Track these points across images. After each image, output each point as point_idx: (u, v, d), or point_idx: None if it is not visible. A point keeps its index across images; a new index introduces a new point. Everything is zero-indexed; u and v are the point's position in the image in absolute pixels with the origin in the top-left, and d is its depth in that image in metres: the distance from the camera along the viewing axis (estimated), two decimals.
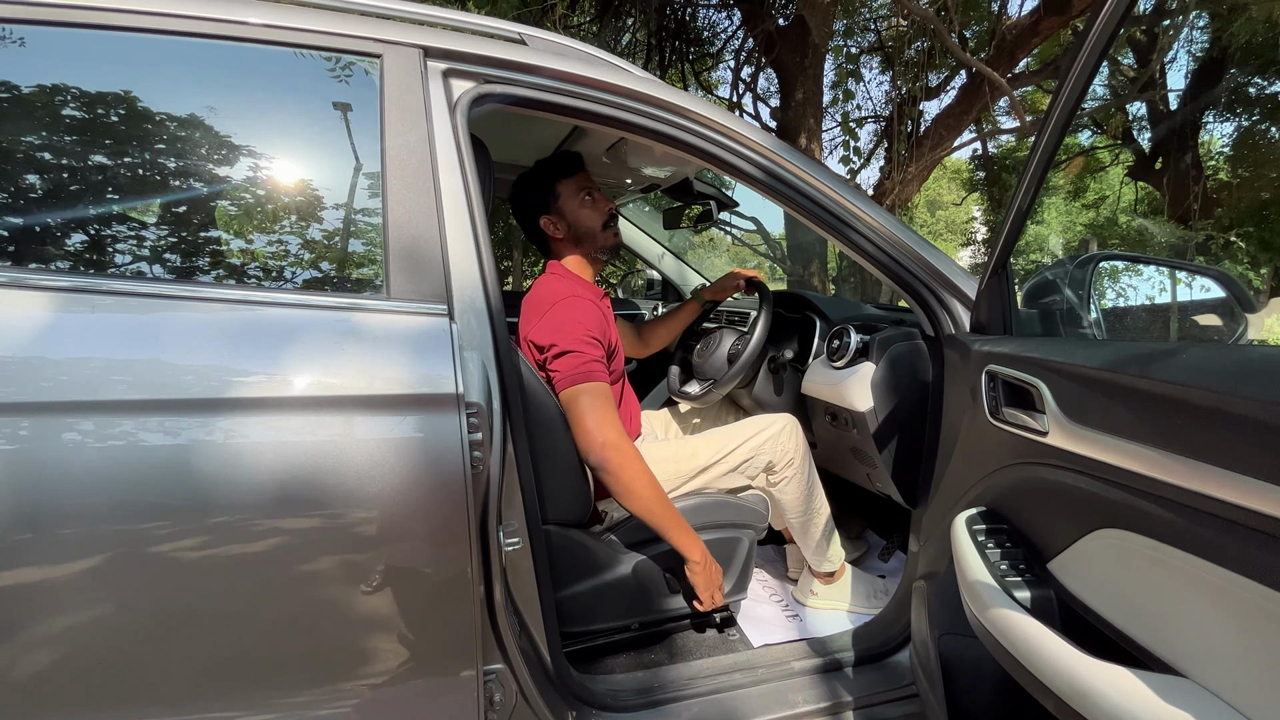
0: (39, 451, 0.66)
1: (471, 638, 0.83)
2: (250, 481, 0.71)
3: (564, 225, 1.33)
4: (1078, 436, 0.69)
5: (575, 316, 1.18)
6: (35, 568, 0.66)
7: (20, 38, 0.80)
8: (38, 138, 0.80)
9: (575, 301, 1.21)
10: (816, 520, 1.42)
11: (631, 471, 1.12)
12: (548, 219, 1.33)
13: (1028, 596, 0.75)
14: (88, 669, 0.69)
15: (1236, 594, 0.50)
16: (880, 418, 1.24)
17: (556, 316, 1.19)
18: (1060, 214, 14.21)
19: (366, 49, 0.90)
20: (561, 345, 1.15)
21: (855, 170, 4.84)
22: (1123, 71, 7.10)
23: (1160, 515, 0.57)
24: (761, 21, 4.41)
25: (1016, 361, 0.84)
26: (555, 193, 1.32)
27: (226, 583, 0.73)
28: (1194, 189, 6.74)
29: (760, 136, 1.11)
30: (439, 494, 0.78)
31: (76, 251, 0.80)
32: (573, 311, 1.19)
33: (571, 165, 1.36)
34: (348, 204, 0.91)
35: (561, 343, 1.15)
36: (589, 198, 1.35)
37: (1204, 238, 7.17)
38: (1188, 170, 7.03)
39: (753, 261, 8.65)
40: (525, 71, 0.98)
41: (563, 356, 1.15)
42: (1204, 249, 7.37)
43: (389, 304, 0.83)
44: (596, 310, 1.23)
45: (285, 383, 0.74)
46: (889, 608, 1.31)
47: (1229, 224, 7.43)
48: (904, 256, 1.13)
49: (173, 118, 0.86)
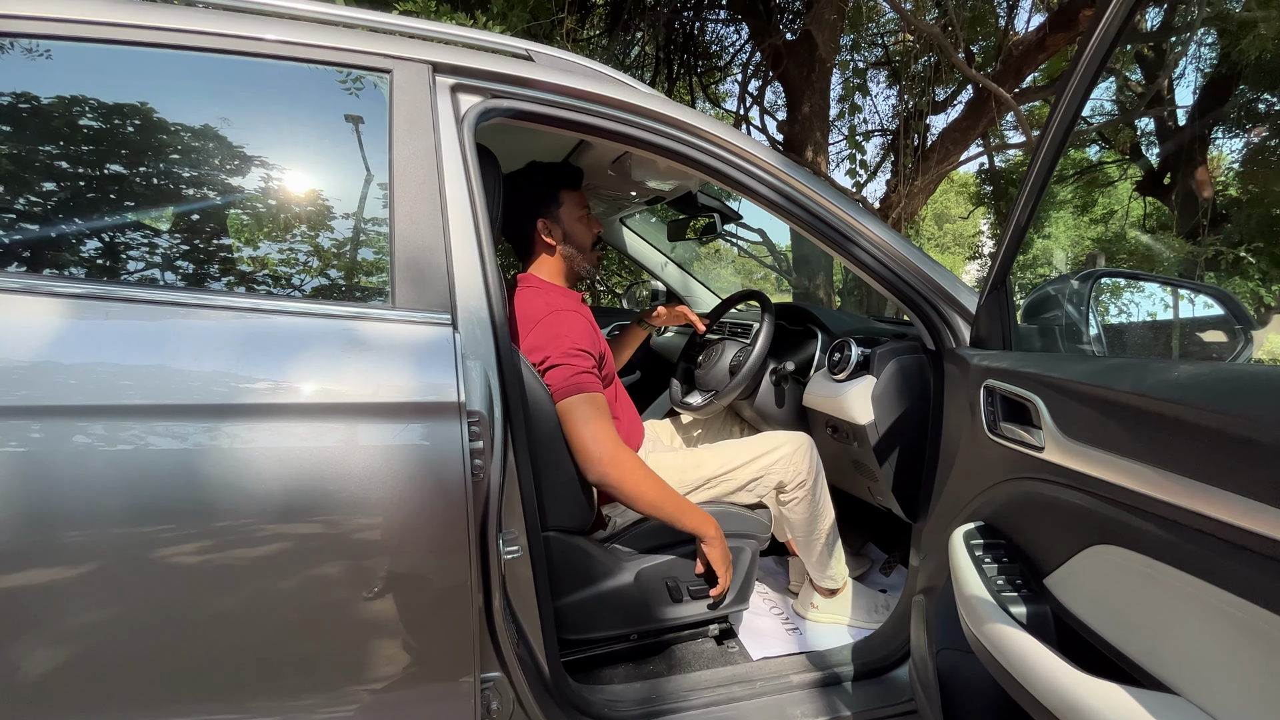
0: (51, 454, 0.67)
1: (470, 645, 0.84)
2: (254, 487, 0.73)
3: (559, 233, 1.34)
4: (1072, 452, 0.69)
5: (560, 331, 1.19)
6: (43, 568, 0.67)
7: (47, 50, 0.83)
8: (61, 148, 0.83)
9: (557, 316, 1.21)
10: (822, 538, 1.42)
11: (633, 481, 1.13)
12: (545, 223, 1.33)
13: (1023, 612, 0.75)
14: (89, 668, 0.70)
15: (1229, 612, 0.50)
16: (881, 431, 1.24)
17: (541, 334, 1.19)
18: (1069, 228, 14.17)
19: (377, 64, 0.92)
20: (551, 359, 1.16)
21: (862, 183, 4.84)
22: (1130, 87, 7.11)
23: (1153, 532, 0.57)
24: (769, 36, 4.45)
25: (1014, 377, 0.85)
26: (558, 200, 1.34)
27: (229, 586, 0.74)
28: (1203, 204, 6.71)
29: (763, 152, 1.12)
30: (440, 501, 0.79)
31: (91, 259, 0.82)
32: (556, 326, 1.20)
33: (576, 179, 1.38)
34: (356, 215, 0.93)
35: (552, 356, 1.16)
36: (586, 214, 1.37)
37: (1213, 253, 7.13)
38: (1196, 186, 7.00)
39: (759, 273, 8.67)
40: (531, 86, 1.00)
41: (552, 370, 1.16)
42: (1214, 264, 7.33)
43: (394, 313, 0.85)
44: (580, 319, 1.23)
45: (291, 390, 0.76)
46: (889, 622, 1.30)
47: (1239, 239, 7.38)
48: (905, 271, 1.14)
49: (190, 129, 0.88)
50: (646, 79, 5.20)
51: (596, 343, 1.27)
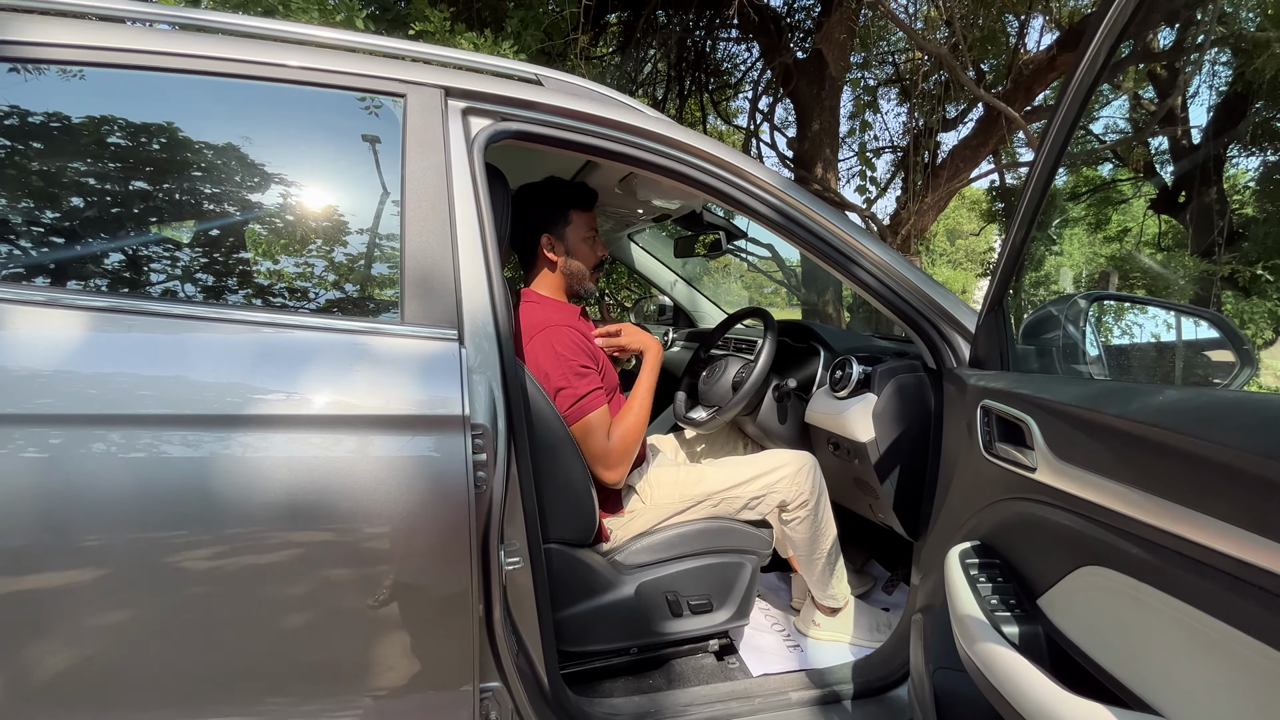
0: (71, 460, 0.70)
1: (469, 654, 0.86)
2: (263, 496, 0.75)
3: (562, 251, 1.35)
4: (1063, 473, 0.70)
5: (557, 350, 1.21)
6: (62, 570, 0.70)
7: (80, 73, 0.88)
8: (90, 165, 0.87)
9: (552, 332, 1.23)
10: (824, 557, 1.42)
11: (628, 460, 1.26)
12: (549, 238, 1.34)
13: (1016, 632, 0.75)
14: (97, 668, 0.73)
15: (1210, 635, 0.51)
16: (882, 449, 1.25)
17: (538, 352, 1.21)
18: (1082, 244, 14.06)
19: (392, 89, 0.96)
20: (554, 381, 1.19)
21: (872, 200, 4.87)
22: (1143, 105, 7.09)
23: (1139, 555, 0.58)
24: (779, 54, 4.51)
25: (1008, 397, 0.86)
26: (567, 218, 1.36)
27: (236, 592, 0.76)
28: (1219, 223, 6.65)
29: (764, 173, 1.15)
30: (443, 512, 0.82)
31: (116, 272, 0.86)
32: (553, 345, 1.21)
33: (588, 199, 1.39)
34: (367, 233, 0.96)
35: (553, 377, 1.19)
36: (593, 236, 1.39)
37: (1229, 271, 7.05)
38: (1211, 204, 6.94)
39: (769, 287, 8.67)
40: (539, 110, 1.04)
41: (558, 394, 1.19)
42: (1231, 283, 7.23)
43: (403, 328, 0.88)
44: (577, 334, 1.25)
45: (301, 401, 0.79)
46: (890, 641, 1.30)
47: (1256, 257, 7.29)
48: (905, 290, 1.16)
49: (215, 149, 0.92)
50: (658, 96, 5.27)
51: (595, 355, 1.29)
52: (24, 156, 0.84)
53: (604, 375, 1.31)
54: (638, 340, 1.40)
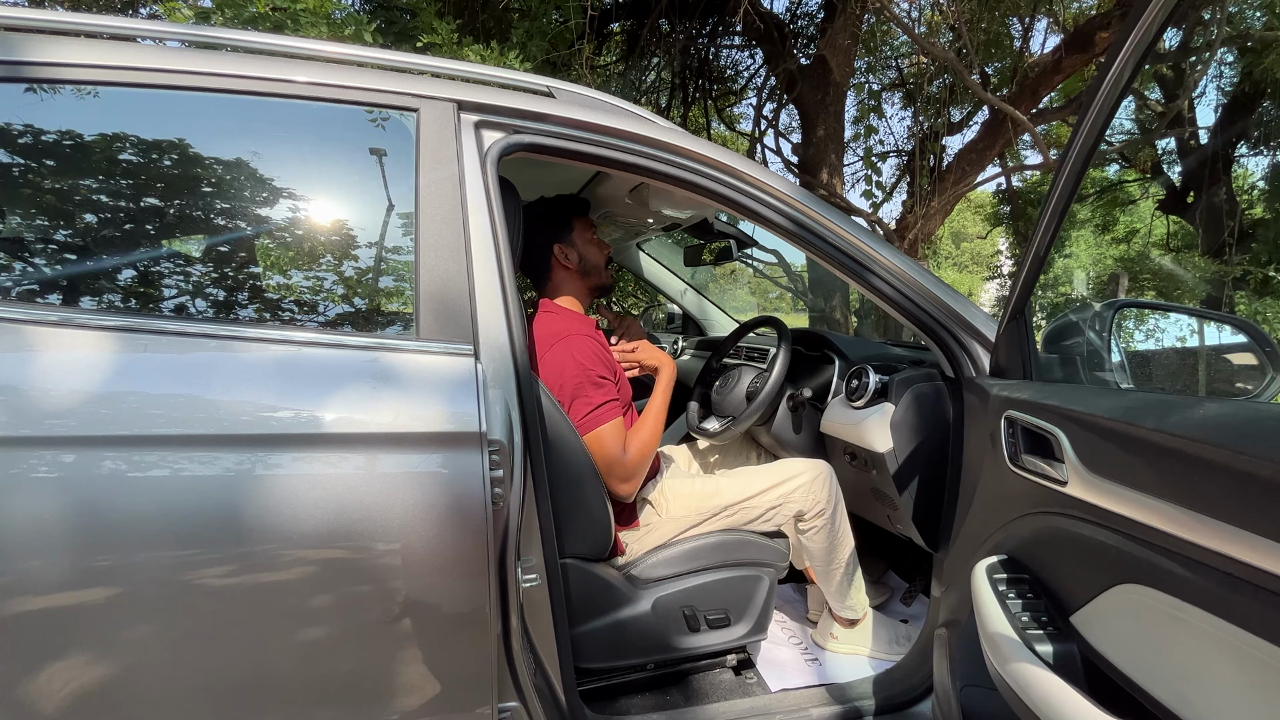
0: (88, 482, 0.70)
1: (487, 673, 0.84)
2: (281, 514, 0.74)
3: (575, 256, 1.40)
4: (1097, 488, 0.68)
5: (576, 359, 1.21)
6: (76, 591, 0.69)
7: (94, 92, 0.88)
8: (103, 183, 0.87)
9: (573, 340, 1.23)
10: (841, 567, 1.40)
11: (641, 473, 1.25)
12: (561, 248, 1.39)
13: (1050, 650, 0.73)
14: (113, 688, 0.72)
15: (1256, 656, 0.49)
16: (900, 459, 1.23)
17: (558, 359, 1.22)
18: (1089, 246, 13.99)
19: (405, 104, 0.96)
20: (570, 391, 1.19)
21: (878, 204, 4.85)
22: (1150, 106, 7.05)
23: (1179, 573, 0.56)
24: (783, 61, 4.52)
25: (1035, 409, 0.84)
26: (571, 226, 1.40)
27: (254, 611, 0.75)
28: (1228, 223, 6.60)
29: (777, 181, 1.13)
30: (461, 529, 0.80)
31: (130, 289, 0.86)
32: (573, 353, 1.22)
33: (583, 206, 1.46)
34: (383, 248, 0.96)
35: (568, 386, 1.19)
36: (594, 237, 1.45)
37: (1241, 273, 6.98)
38: (1221, 204, 6.89)
39: (774, 293, 8.65)
40: (551, 122, 1.03)
41: (574, 404, 1.19)
42: (1242, 284, 7.17)
43: (419, 344, 0.87)
44: (596, 345, 1.26)
45: (318, 419, 0.78)
46: (911, 655, 1.28)
47: (1267, 259, 7.22)
48: (922, 298, 1.14)
49: (229, 166, 0.92)
50: (663, 103, 5.29)
51: (612, 366, 1.29)
52: (38, 175, 0.84)
53: (620, 388, 1.31)
54: (654, 358, 1.43)
